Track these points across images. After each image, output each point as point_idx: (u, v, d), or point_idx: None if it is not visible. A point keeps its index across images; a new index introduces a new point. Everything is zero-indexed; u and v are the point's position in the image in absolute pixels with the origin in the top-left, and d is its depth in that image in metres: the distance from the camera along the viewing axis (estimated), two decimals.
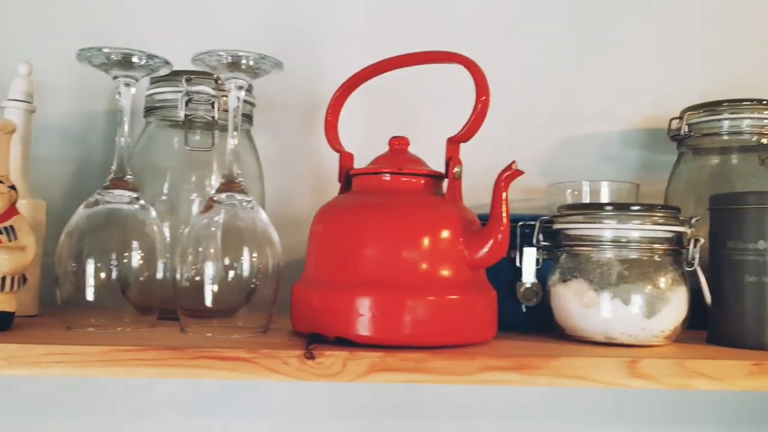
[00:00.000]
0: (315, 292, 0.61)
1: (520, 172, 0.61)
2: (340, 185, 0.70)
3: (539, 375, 0.57)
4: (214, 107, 0.73)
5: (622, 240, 0.64)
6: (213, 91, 0.73)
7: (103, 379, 0.83)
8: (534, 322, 0.70)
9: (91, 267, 0.62)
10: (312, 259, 0.64)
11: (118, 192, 0.65)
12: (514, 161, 0.61)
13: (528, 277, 0.69)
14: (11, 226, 0.61)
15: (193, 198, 0.74)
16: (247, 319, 0.63)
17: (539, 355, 0.57)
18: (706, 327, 0.67)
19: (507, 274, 0.69)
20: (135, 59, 0.64)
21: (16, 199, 0.62)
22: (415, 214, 0.61)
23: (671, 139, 0.83)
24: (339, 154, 0.70)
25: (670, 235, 0.64)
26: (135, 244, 0.64)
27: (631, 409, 0.89)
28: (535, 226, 0.69)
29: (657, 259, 0.64)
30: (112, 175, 0.66)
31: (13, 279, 0.60)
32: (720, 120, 0.79)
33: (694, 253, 0.64)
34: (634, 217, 0.64)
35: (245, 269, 0.62)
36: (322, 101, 0.73)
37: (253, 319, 0.63)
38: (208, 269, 0.62)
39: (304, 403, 0.87)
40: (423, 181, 0.65)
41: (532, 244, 0.68)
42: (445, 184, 0.66)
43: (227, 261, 0.62)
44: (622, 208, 0.65)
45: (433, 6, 0.90)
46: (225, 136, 0.67)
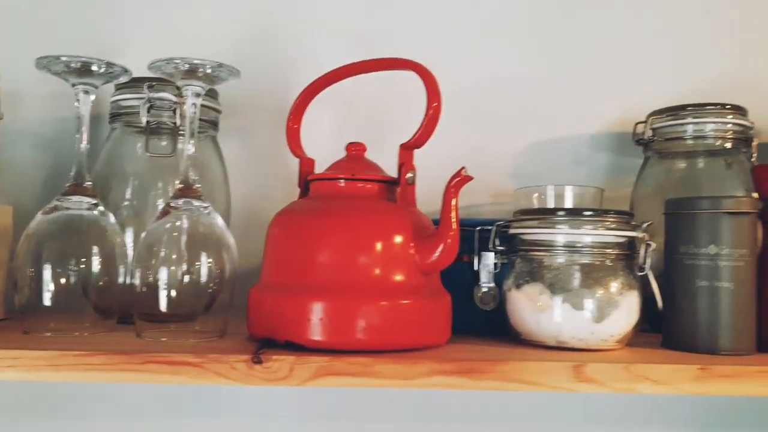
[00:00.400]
0: (268, 297, 0.62)
1: (469, 178, 0.61)
2: (300, 190, 0.70)
3: (485, 379, 0.57)
4: (176, 113, 0.74)
5: (575, 245, 0.64)
6: (174, 98, 0.73)
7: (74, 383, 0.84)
8: (492, 327, 0.70)
9: (48, 272, 0.63)
10: (267, 264, 0.65)
11: (76, 198, 0.66)
12: (463, 167, 0.61)
13: (485, 281, 0.69)
14: None
15: (158, 203, 0.75)
16: (205, 324, 0.64)
17: (487, 359, 0.58)
18: None
19: (465, 279, 0.70)
20: (94, 67, 0.65)
21: None
22: (367, 220, 0.62)
23: (636, 144, 0.83)
24: (299, 160, 0.71)
25: (621, 240, 0.65)
26: (94, 249, 0.65)
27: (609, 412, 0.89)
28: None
29: (609, 263, 0.64)
30: (72, 181, 0.67)
31: None
32: (684, 124, 0.79)
33: (646, 258, 0.64)
34: (585, 222, 0.64)
35: (202, 274, 0.63)
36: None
37: (210, 324, 0.64)
38: (163, 274, 0.62)
39: (276, 405, 0.88)
40: (377, 187, 0.65)
41: (489, 249, 0.69)
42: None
43: (183, 266, 0.63)
44: (574, 213, 0.66)
45: (404, 9, 0.91)
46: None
